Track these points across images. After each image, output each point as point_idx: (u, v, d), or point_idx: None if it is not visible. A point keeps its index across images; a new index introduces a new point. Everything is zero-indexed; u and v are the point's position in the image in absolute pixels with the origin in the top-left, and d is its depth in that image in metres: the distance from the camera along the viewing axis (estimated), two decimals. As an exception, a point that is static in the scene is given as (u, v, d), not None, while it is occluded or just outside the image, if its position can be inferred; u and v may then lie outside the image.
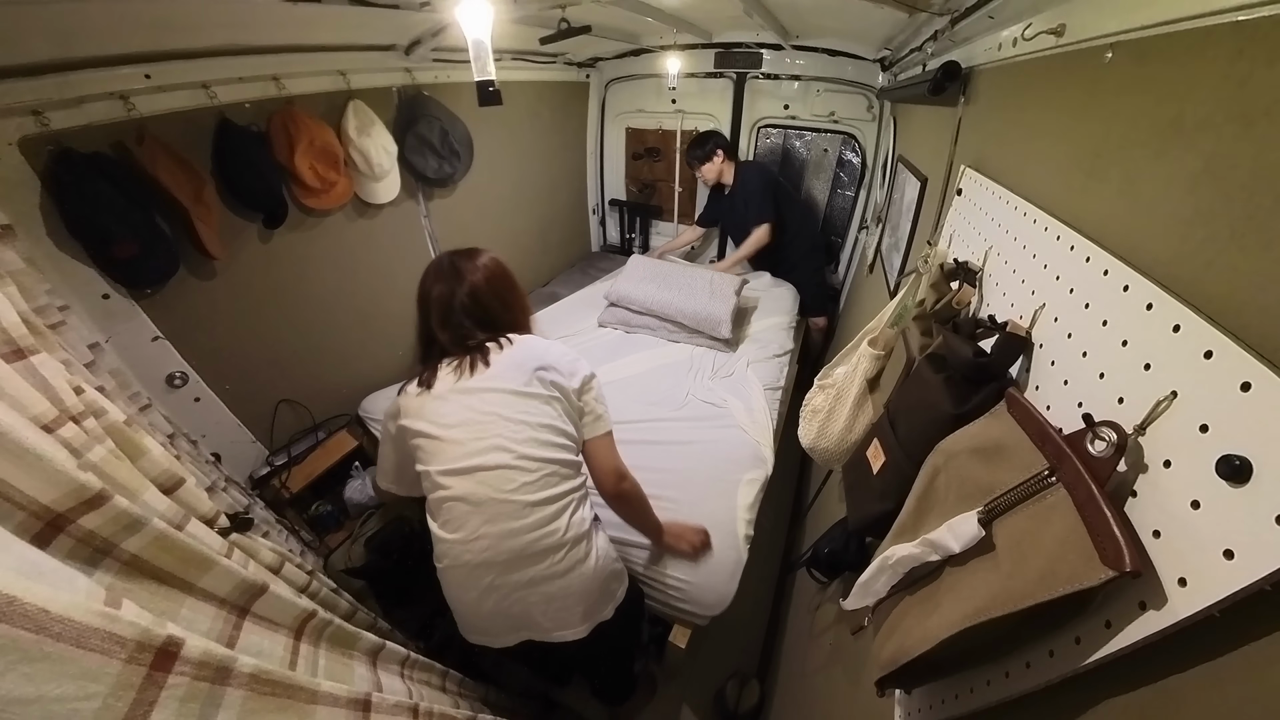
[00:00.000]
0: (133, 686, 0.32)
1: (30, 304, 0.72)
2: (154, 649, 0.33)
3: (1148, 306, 0.48)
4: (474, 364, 1.06)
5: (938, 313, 0.95)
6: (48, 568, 0.35)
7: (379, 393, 2.09)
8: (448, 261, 1.17)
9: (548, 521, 1.01)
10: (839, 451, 1.14)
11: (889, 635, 0.69)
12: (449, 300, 1.12)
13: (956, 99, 1.28)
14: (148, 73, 1.26)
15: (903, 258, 1.68)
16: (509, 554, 0.99)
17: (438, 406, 1.04)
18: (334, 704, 0.49)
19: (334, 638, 0.72)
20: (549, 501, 1.02)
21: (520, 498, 0.99)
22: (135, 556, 0.48)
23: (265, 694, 0.41)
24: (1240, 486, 0.36)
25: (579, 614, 1.08)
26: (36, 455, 0.41)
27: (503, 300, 1.18)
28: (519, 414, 1.03)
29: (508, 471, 0.99)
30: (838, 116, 2.80)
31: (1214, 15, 0.48)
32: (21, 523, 0.40)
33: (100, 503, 0.45)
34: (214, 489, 1.14)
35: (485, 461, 0.99)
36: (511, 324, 1.18)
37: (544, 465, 1.03)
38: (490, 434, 1.01)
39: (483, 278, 1.16)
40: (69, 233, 1.19)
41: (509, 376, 1.05)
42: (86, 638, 0.30)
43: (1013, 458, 0.56)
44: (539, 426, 1.04)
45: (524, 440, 1.01)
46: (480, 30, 1.24)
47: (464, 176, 2.34)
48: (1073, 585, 0.43)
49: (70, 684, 0.29)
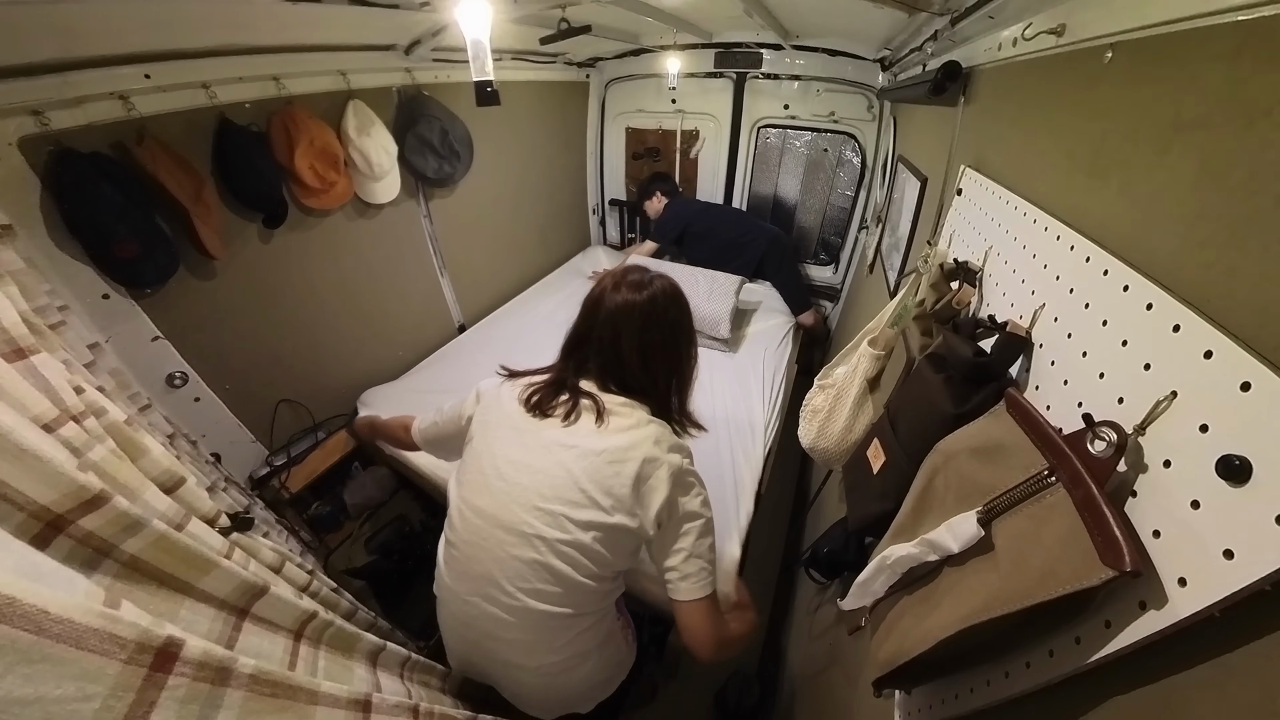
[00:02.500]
0: (132, 688, 0.32)
1: (30, 304, 0.72)
2: (154, 649, 0.33)
3: (1148, 306, 0.48)
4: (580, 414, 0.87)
5: (938, 313, 0.95)
6: (47, 569, 0.34)
7: (376, 389, 2.09)
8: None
9: (545, 631, 0.86)
10: (839, 451, 1.14)
11: (887, 635, 0.69)
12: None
13: (956, 99, 1.28)
14: (148, 73, 1.25)
15: (903, 258, 1.68)
16: (488, 633, 0.88)
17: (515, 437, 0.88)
18: (334, 704, 0.49)
19: (334, 639, 0.72)
20: (553, 618, 0.85)
21: (518, 600, 0.83)
22: (134, 558, 0.48)
23: (265, 695, 0.41)
24: (1240, 486, 0.36)
25: (553, 705, 0.97)
26: (36, 456, 0.41)
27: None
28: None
29: (522, 567, 0.83)
30: (838, 116, 2.80)
31: (1214, 15, 0.48)
32: (21, 524, 0.40)
33: (100, 504, 0.45)
34: (214, 489, 1.14)
35: (506, 538, 0.84)
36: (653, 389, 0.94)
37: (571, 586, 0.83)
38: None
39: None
40: (69, 232, 1.19)
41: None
42: (85, 639, 0.30)
43: (1012, 458, 0.56)
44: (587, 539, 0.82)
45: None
46: (479, 30, 1.24)
47: (464, 176, 2.33)
48: (1073, 585, 0.43)
49: (70, 685, 0.29)
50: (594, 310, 0.93)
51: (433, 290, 2.48)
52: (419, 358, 2.34)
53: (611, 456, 0.82)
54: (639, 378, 0.92)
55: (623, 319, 0.90)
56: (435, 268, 2.45)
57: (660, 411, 0.94)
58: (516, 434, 0.89)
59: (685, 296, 0.97)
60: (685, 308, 0.96)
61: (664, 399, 0.95)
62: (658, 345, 0.92)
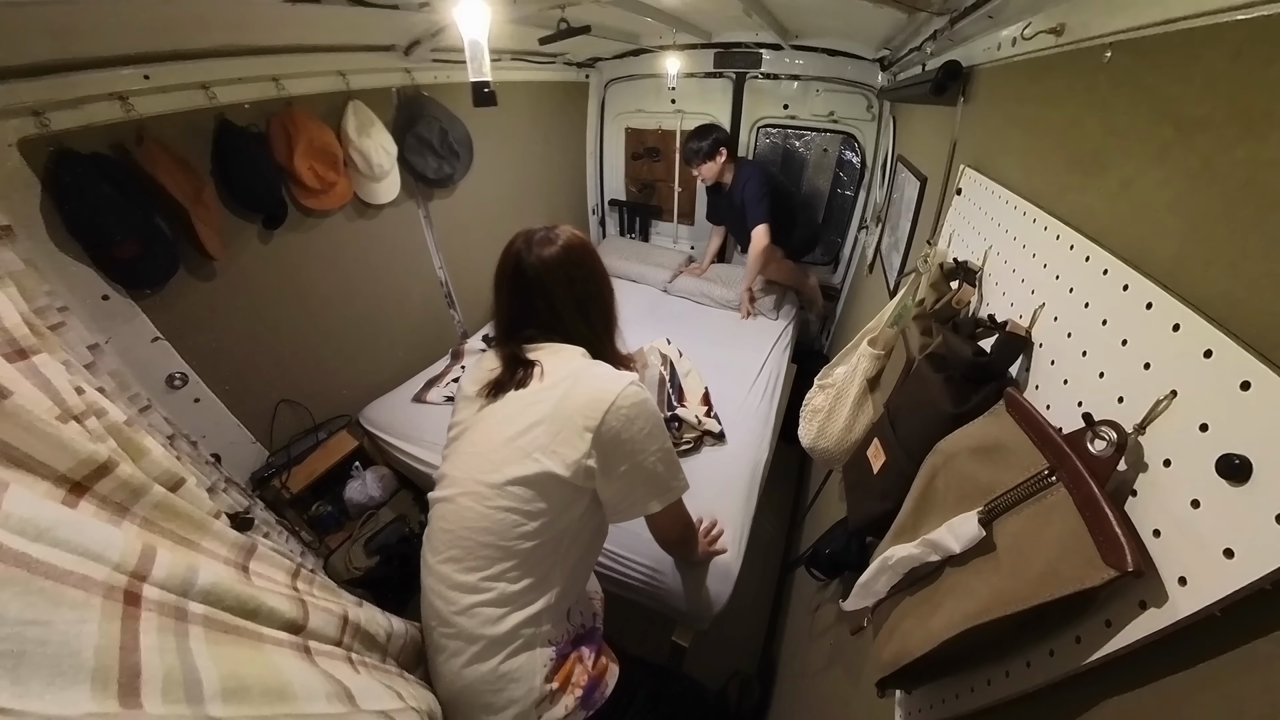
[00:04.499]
0: (116, 616, 0.37)
1: (30, 305, 0.72)
2: (120, 589, 0.39)
3: (1147, 305, 0.48)
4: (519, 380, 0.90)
5: (937, 312, 0.95)
6: (87, 525, 0.40)
7: (378, 401, 2.10)
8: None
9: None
10: (839, 451, 1.14)
11: (889, 636, 0.69)
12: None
13: (956, 99, 1.28)
14: (147, 73, 1.26)
15: (902, 257, 1.68)
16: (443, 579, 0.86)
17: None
18: (278, 644, 0.54)
19: (323, 586, 0.78)
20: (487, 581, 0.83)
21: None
22: (146, 519, 0.53)
23: (220, 630, 0.47)
24: (1240, 485, 0.36)
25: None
26: (53, 432, 0.46)
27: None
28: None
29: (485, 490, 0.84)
30: (837, 116, 2.80)
31: (1214, 15, 0.48)
32: (48, 490, 0.45)
33: (109, 470, 0.50)
34: (214, 489, 1.14)
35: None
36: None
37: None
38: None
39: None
40: (69, 233, 1.19)
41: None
42: (64, 576, 0.35)
43: (1012, 457, 0.56)
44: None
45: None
46: (477, 31, 1.24)
47: (464, 176, 2.34)
48: (1075, 585, 0.43)
49: (68, 611, 0.34)
50: (517, 277, 0.95)
51: (432, 290, 2.49)
52: (419, 358, 2.34)
53: (567, 399, 0.85)
54: (579, 328, 0.96)
55: (550, 278, 0.94)
56: (435, 268, 2.45)
57: (596, 355, 0.97)
58: (479, 420, 0.91)
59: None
60: (594, 252, 1.02)
61: (600, 343, 1.00)
62: (590, 297, 0.98)
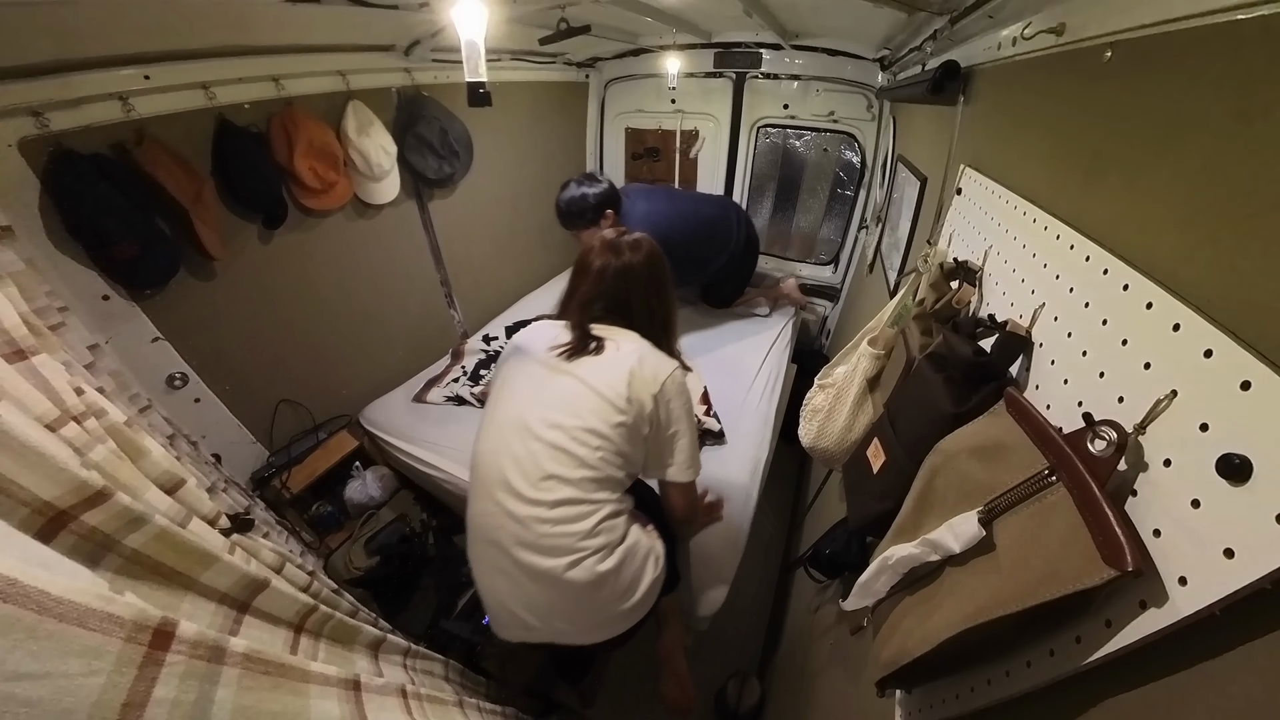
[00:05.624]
0: (134, 663, 0.33)
1: (30, 305, 0.72)
2: (150, 629, 0.34)
3: (1147, 305, 0.48)
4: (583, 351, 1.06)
5: (938, 312, 0.95)
6: (52, 561, 0.35)
7: (378, 400, 2.09)
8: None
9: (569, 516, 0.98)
10: (839, 451, 1.14)
11: (889, 636, 0.69)
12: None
13: (956, 98, 1.28)
14: (147, 74, 1.25)
15: (902, 257, 1.68)
16: (513, 537, 0.98)
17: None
18: (325, 683, 0.50)
19: (335, 631, 0.72)
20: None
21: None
22: (136, 552, 0.48)
23: (260, 672, 0.43)
24: (1240, 485, 0.36)
25: (586, 623, 1.04)
26: (38, 453, 0.41)
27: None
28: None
29: (539, 449, 0.99)
30: (837, 116, 2.79)
31: (1214, 15, 0.48)
32: (25, 519, 0.40)
33: (102, 500, 0.45)
34: (215, 490, 1.14)
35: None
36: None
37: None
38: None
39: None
40: (68, 234, 1.19)
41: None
42: (86, 619, 0.31)
43: (1013, 457, 0.56)
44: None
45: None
46: (474, 31, 1.23)
47: (464, 176, 2.33)
48: (1075, 585, 0.43)
49: (74, 661, 0.30)
50: (602, 274, 1.12)
51: (432, 290, 2.48)
52: (419, 358, 2.34)
53: (628, 367, 1.03)
54: (644, 324, 1.13)
55: (632, 280, 1.12)
56: (435, 268, 2.45)
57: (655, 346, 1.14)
58: (540, 377, 1.06)
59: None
60: (665, 261, 1.18)
61: (660, 338, 1.16)
62: (659, 299, 1.16)
